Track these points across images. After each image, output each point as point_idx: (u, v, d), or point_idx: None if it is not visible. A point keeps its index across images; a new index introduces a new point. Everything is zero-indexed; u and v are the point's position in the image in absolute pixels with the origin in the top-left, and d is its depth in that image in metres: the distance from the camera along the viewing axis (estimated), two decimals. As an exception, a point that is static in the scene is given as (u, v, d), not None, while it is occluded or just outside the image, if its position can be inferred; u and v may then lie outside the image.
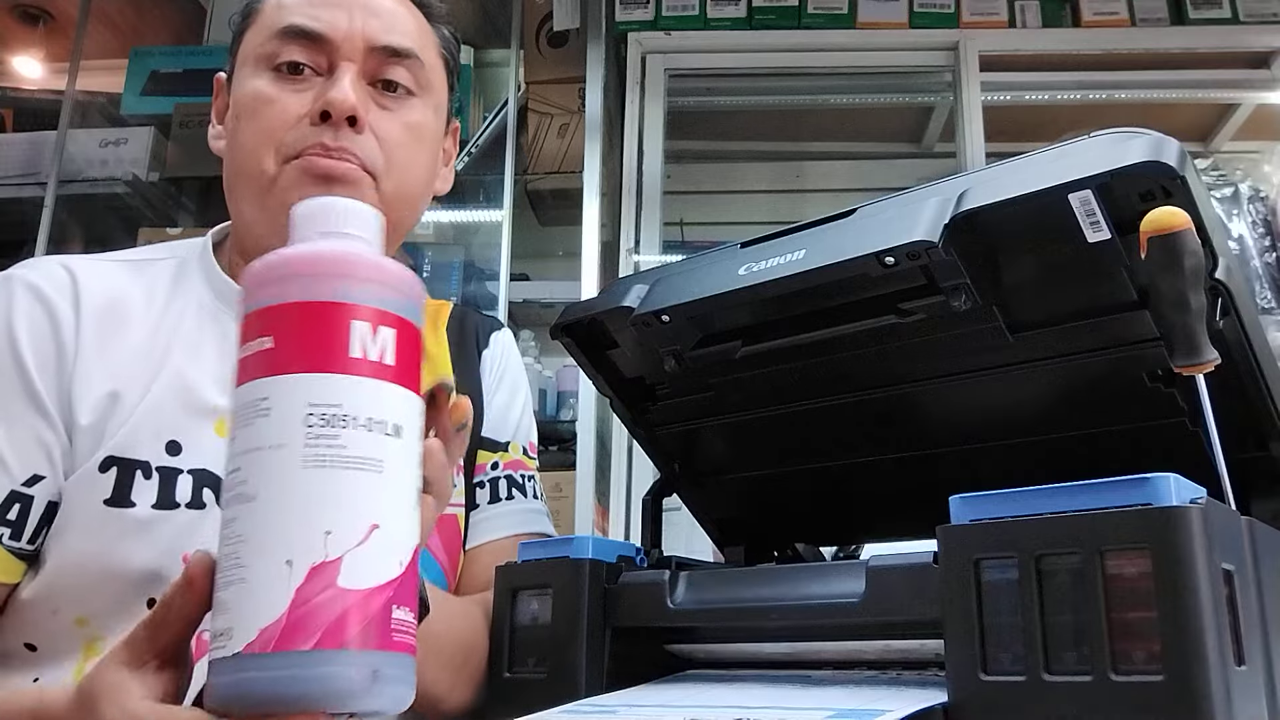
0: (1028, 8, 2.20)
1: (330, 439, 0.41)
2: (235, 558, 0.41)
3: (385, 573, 0.41)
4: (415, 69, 0.75)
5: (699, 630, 0.58)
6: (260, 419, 0.42)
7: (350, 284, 0.43)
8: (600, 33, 2.14)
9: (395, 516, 0.42)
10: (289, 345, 0.42)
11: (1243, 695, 0.38)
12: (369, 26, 0.73)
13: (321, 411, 0.41)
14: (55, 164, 2.22)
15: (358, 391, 0.42)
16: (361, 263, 0.44)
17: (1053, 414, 0.57)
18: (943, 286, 0.51)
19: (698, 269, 0.60)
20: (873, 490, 0.67)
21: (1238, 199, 2.11)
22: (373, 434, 0.42)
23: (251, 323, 0.43)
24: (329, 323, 0.42)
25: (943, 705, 0.43)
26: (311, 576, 0.39)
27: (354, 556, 0.40)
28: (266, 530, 0.40)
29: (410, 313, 0.45)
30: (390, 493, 0.42)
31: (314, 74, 0.72)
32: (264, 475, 0.41)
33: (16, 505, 0.66)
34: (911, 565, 0.47)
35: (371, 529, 0.41)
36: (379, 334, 0.43)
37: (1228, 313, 0.48)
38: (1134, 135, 0.48)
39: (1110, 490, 0.41)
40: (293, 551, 0.40)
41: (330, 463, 0.41)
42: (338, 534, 0.40)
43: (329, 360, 0.42)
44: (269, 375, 0.42)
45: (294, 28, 0.72)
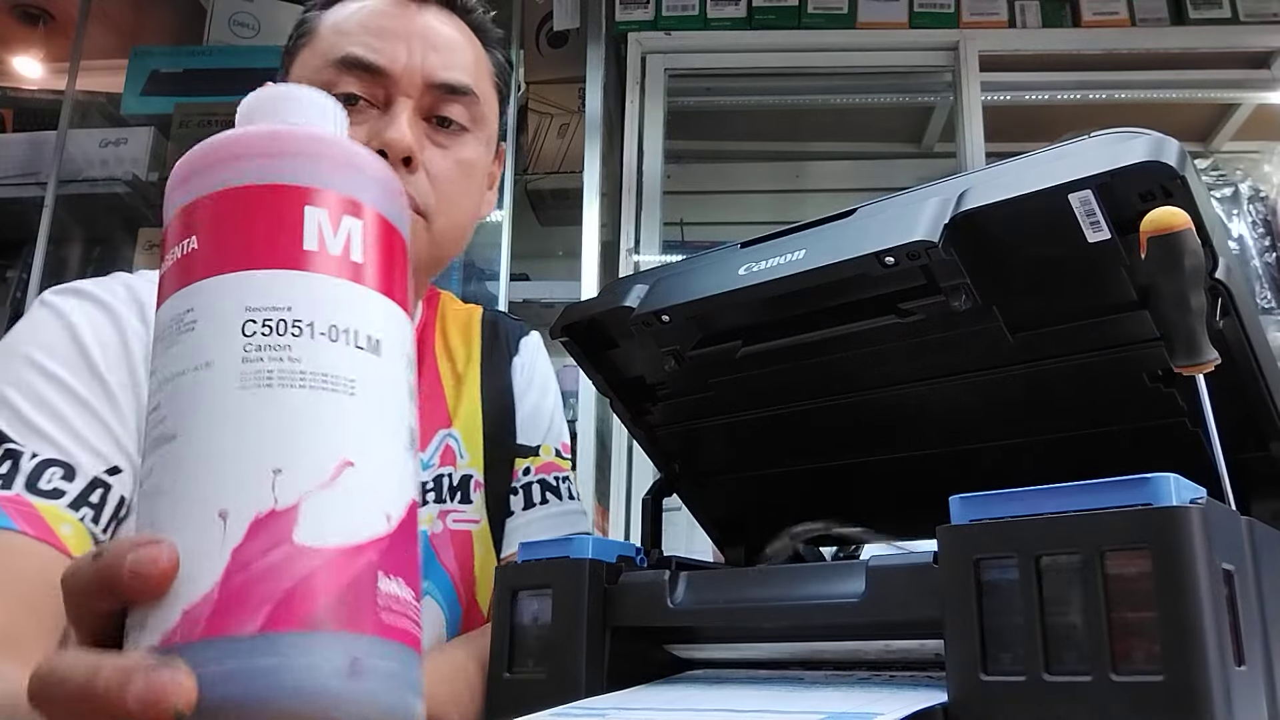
0: (1028, 8, 2.20)
1: (277, 350, 0.31)
2: (150, 520, 0.31)
3: (366, 526, 0.31)
4: (471, 105, 0.74)
5: (699, 630, 0.58)
6: (183, 335, 0.32)
7: (300, 162, 0.34)
8: (600, 33, 2.14)
9: (377, 452, 0.32)
10: (219, 241, 0.33)
11: (1243, 695, 0.38)
12: (428, 62, 0.71)
13: (265, 316, 0.31)
14: (55, 164, 2.21)
15: (315, 290, 0.32)
16: (318, 139, 0.35)
17: (1053, 414, 0.57)
18: (943, 286, 0.51)
19: (698, 269, 0.60)
20: (873, 490, 0.67)
21: (1238, 199, 2.11)
22: (338, 345, 0.32)
23: (173, 228, 0.34)
24: (272, 208, 0.33)
25: (942, 705, 0.43)
26: (255, 531, 0.29)
27: (317, 502, 0.30)
28: (190, 475, 0.30)
29: (389, 209, 0.36)
30: (368, 422, 0.32)
31: (369, 106, 0.71)
32: (187, 405, 0.31)
33: (99, 490, 0.64)
34: (911, 565, 0.47)
35: (341, 466, 0.31)
36: (342, 224, 0.34)
37: (1228, 313, 0.48)
38: (1134, 135, 0.48)
39: (1110, 490, 0.41)
40: (227, 498, 0.30)
41: (279, 380, 0.31)
42: (291, 472, 0.30)
43: (272, 252, 0.32)
44: (195, 281, 0.32)
45: (353, 59, 0.70)
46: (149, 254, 2.16)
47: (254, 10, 2.44)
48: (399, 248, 0.36)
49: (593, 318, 0.65)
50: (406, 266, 0.36)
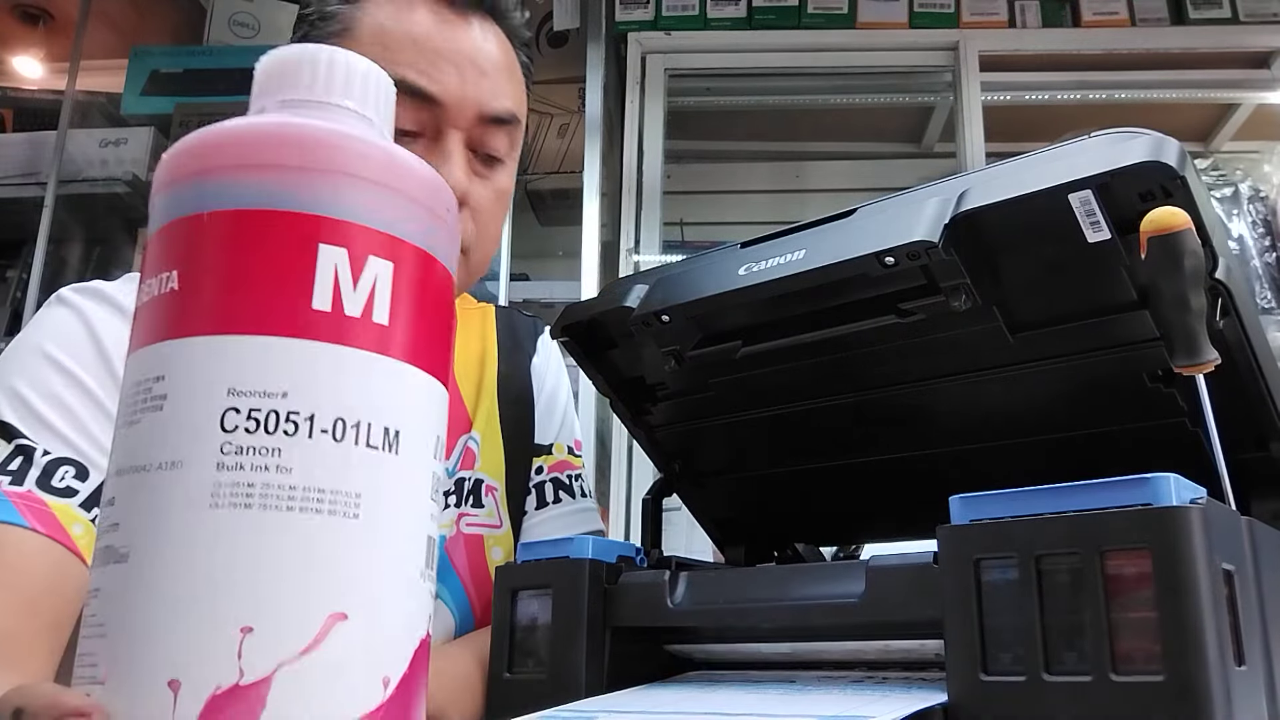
0: (1028, 8, 2.20)
1: (264, 455, 0.24)
2: (90, 663, 0.24)
3: (358, 700, 0.24)
4: (513, 133, 0.73)
5: (699, 630, 0.58)
6: (149, 415, 0.25)
7: (317, 181, 0.25)
8: (600, 33, 2.14)
9: (380, 595, 0.25)
10: (203, 287, 0.25)
11: (1243, 695, 0.38)
12: (480, 91, 0.69)
13: (252, 405, 0.24)
14: (55, 164, 2.22)
15: (321, 369, 0.25)
16: (341, 142, 0.26)
17: (1053, 414, 0.57)
18: (943, 286, 0.51)
19: (698, 269, 0.60)
20: (873, 490, 0.67)
21: (1238, 199, 2.11)
22: (344, 445, 0.25)
23: (153, 249, 0.26)
24: (273, 246, 0.25)
25: (942, 705, 0.43)
26: (213, 711, 0.23)
27: (296, 673, 0.23)
28: (138, 621, 0.24)
29: (435, 243, 0.27)
30: (373, 553, 0.25)
31: (418, 134, 0.68)
32: (144, 517, 0.24)
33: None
34: (911, 565, 0.47)
35: (331, 622, 0.24)
36: (367, 271, 0.25)
37: (1228, 313, 0.48)
38: (1134, 135, 0.48)
39: (1110, 490, 0.41)
40: (181, 663, 0.23)
41: (260, 499, 0.24)
42: (266, 631, 0.23)
43: (269, 312, 0.25)
44: (170, 338, 0.25)
45: (407, 84, 0.66)
46: (149, 254, 2.16)
47: (254, 10, 2.44)
48: (443, 293, 0.28)
49: (593, 318, 0.65)
50: (451, 313, 0.29)
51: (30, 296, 2.16)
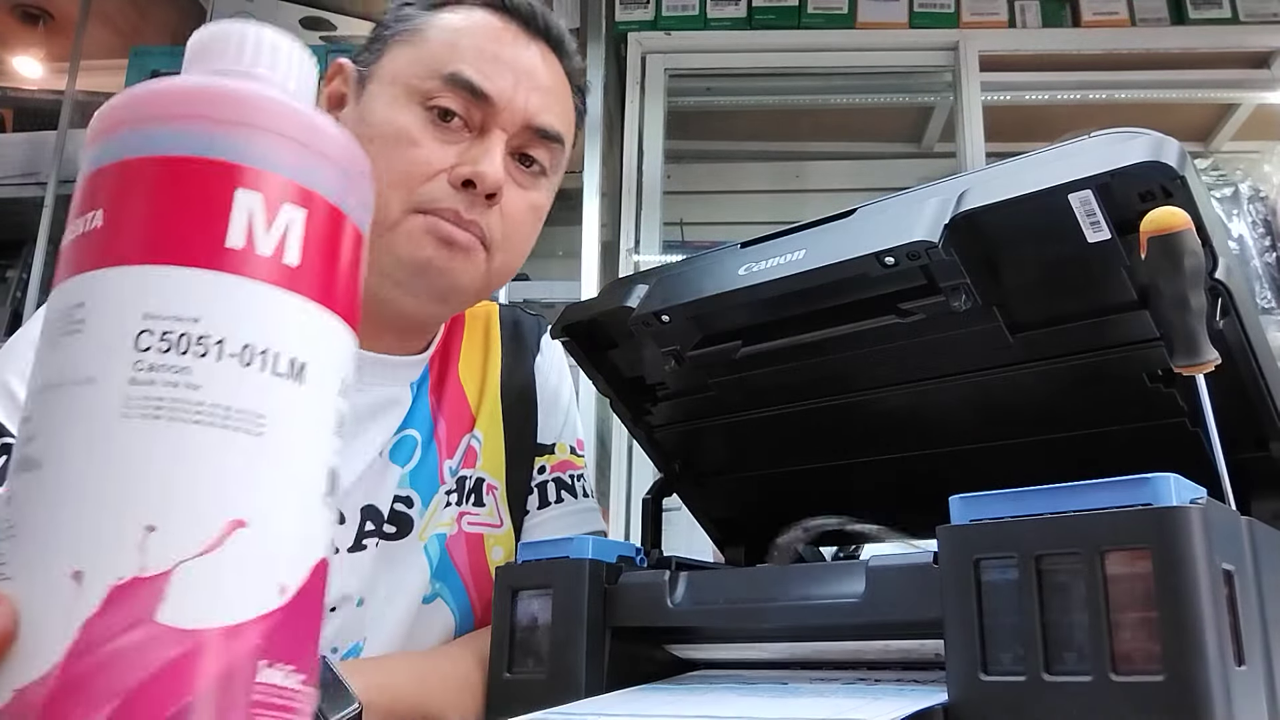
0: (1028, 8, 2.20)
1: (174, 373, 0.26)
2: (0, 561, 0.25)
3: (251, 602, 0.26)
4: (556, 152, 0.75)
5: (699, 630, 0.58)
6: (69, 338, 0.27)
7: (238, 132, 0.28)
8: (600, 33, 2.14)
9: (278, 510, 0.27)
10: (125, 223, 0.27)
11: (1243, 695, 0.38)
12: (531, 102, 0.71)
13: (165, 327, 0.26)
14: (55, 164, 2.22)
15: (231, 299, 0.27)
16: (261, 102, 0.28)
17: (1053, 414, 0.57)
18: (943, 286, 0.51)
19: (698, 269, 0.60)
20: (873, 490, 0.67)
21: (1238, 199, 2.11)
22: (250, 370, 0.26)
23: (81, 192, 0.28)
24: (193, 188, 0.27)
25: (942, 705, 0.43)
26: (113, 601, 0.24)
27: (194, 572, 0.25)
28: (47, 518, 0.25)
29: (346, 200, 0.30)
30: (273, 470, 0.27)
31: (464, 127, 0.70)
32: (58, 428, 0.26)
33: None
34: (911, 565, 0.47)
35: (230, 527, 0.25)
36: (280, 216, 0.28)
37: (1228, 313, 0.48)
38: (1134, 135, 0.48)
39: (1110, 490, 0.41)
40: (85, 555, 0.24)
41: (169, 412, 0.25)
42: (167, 531, 0.25)
43: (187, 246, 0.26)
44: (91, 269, 0.27)
45: (464, 80, 0.69)
46: (149, 254, 2.16)
47: (254, 10, 2.44)
48: (352, 247, 0.30)
49: (593, 318, 0.65)
50: (359, 269, 0.31)
51: (30, 296, 2.16)
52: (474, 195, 0.69)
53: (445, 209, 0.68)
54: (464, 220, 0.69)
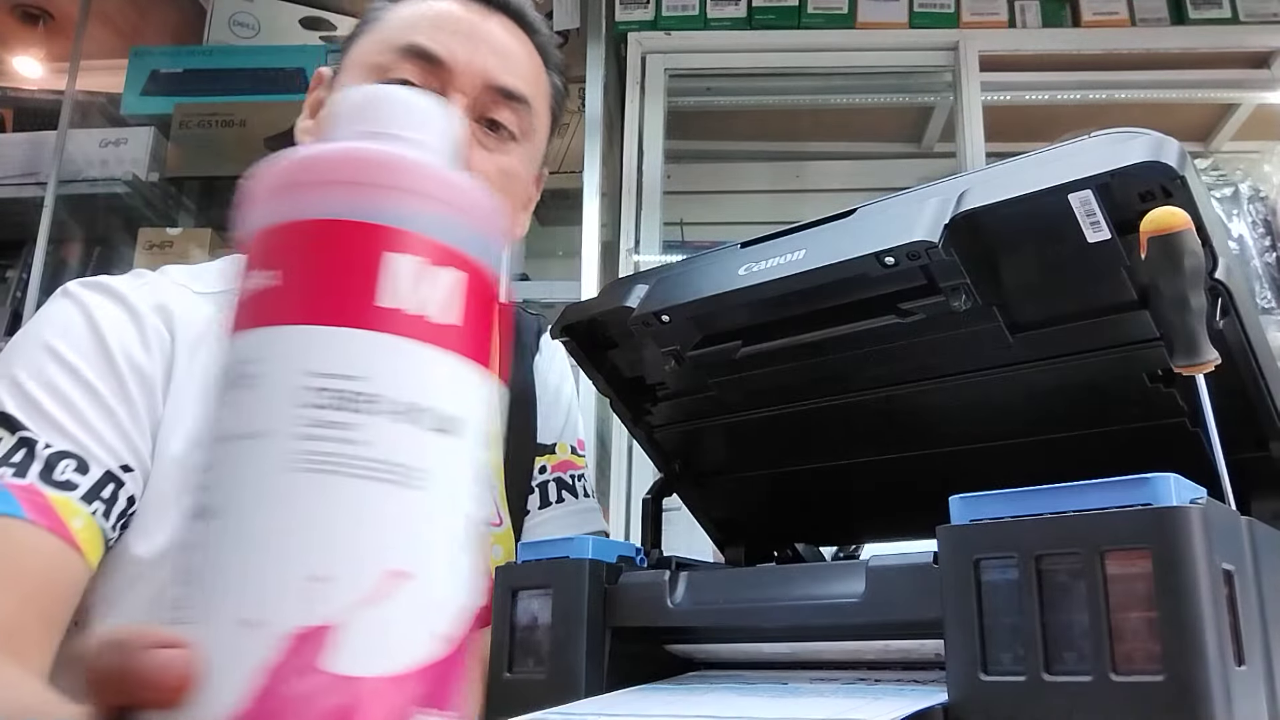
0: (1028, 8, 2.20)
1: (340, 429, 0.27)
2: (180, 607, 0.27)
3: (411, 652, 0.27)
4: (523, 114, 0.74)
5: (699, 630, 0.58)
6: (241, 392, 0.28)
7: (390, 196, 0.29)
8: (600, 33, 2.14)
9: (438, 559, 0.28)
10: (291, 283, 0.29)
11: (1243, 695, 0.38)
12: (489, 63, 0.71)
13: (330, 385, 0.27)
14: (55, 164, 2.21)
15: (390, 358, 0.28)
16: (414, 169, 0.30)
17: (1053, 414, 0.57)
18: (943, 286, 0.51)
19: (698, 269, 0.60)
20: (873, 490, 0.67)
21: (1238, 199, 2.11)
22: (410, 427, 0.28)
23: (253, 250, 0.30)
24: (354, 251, 0.28)
25: (943, 705, 0.43)
26: (288, 649, 0.25)
27: (360, 622, 0.26)
28: (224, 568, 0.26)
29: (485, 254, 0.31)
30: (431, 522, 0.28)
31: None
32: (233, 479, 0.27)
33: (111, 485, 0.63)
34: (911, 565, 0.47)
35: (392, 578, 0.27)
36: (430, 276, 0.29)
37: (1228, 313, 0.48)
38: (1134, 135, 0.48)
39: (1110, 490, 0.41)
40: (260, 606, 0.26)
41: (336, 466, 0.27)
42: (335, 582, 0.26)
43: (347, 307, 0.28)
44: (261, 326, 0.29)
45: (416, 47, 0.70)
46: (149, 254, 2.16)
47: (254, 10, 2.44)
48: (492, 302, 0.31)
49: (593, 318, 0.65)
50: (496, 322, 0.32)
51: (30, 296, 2.16)
52: None
53: None
54: None
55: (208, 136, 2.22)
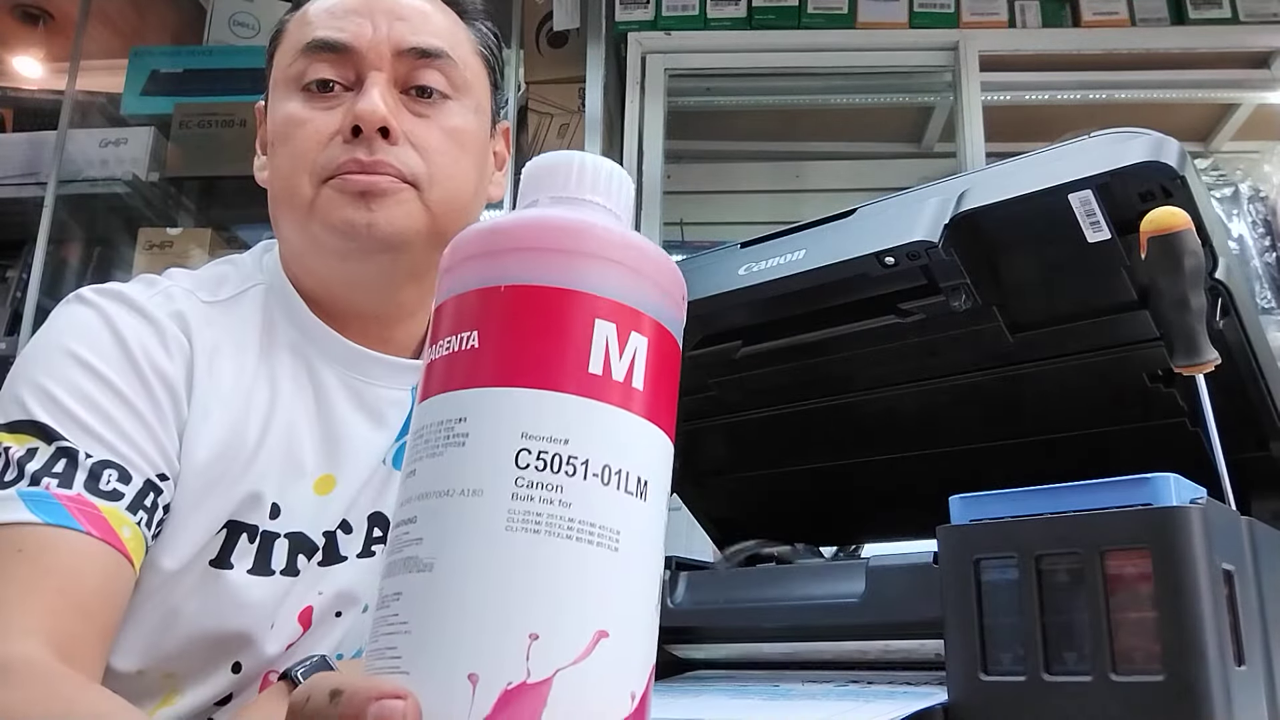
0: (1028, 8, 2.20)
1: (549, 490, 0.28)
2: (394, 655, 0.28)
3: (612, 710, 0.28)
4: (448, 69, 0.72)
5: (699, 630, 0.58)
6: (452, 449, 0.29)
7: (597, 267, 0.30)
8: (600, 33, 2.14)
9: (632, 621, 0.29)
10: (502, 346, 0.30)
11: (1243, 695, 0.38)
12: (395, 31, 0.70)
13: (541, 448, 0.29)
14: (55, 164, 2.21)
15: (592, 423, 0.29)
16: (614, 240, 0.31)
17: (1053, 414, 0.57)
18: (943, 286, 0.51)
19: (698, 269, 0.60)
20: (873, 490, 0.67)
21: (1238, 199, 2.11)
22: (609, 489, 0.29)
23: (450, 312, 0.31)
24: (562, 318, 0.30)
25: (943, 705, 0.43)
26: (504, 704, 0.26)
27: (570, 680, 0.27)
28: (443, 621, 0.28)
29: (670, 319, 0.32)
30: (627, 583, 0.29)
31: (343, 89, 0.70)
32: (448, 535, 0.28)
33: (151, 494, 0.63)
34: (911, 565, 0.47)
35: (597, 638, 0.28)
36: (629, 343, 0.30)
37: (1228, 313, 0.48)
38: (1134, 135, 0.48)
39: (1110, 490, 0.41)
40: (480, 660, 0.27)
41: (546, 527, 0.28)
42: (548, 640, 0.27)
43: (558, 372, 0.29)
44: (471, 387, 0.30)
45: (317, 41, 0.70)
46: (149, 254, 2.16)
47: (254, 10, 2.44)
48: (676, 364, 0.33)
49: (593, 318, 0.65)
50: (678, 373, 0.33)
51: (30, 296, 2.15)
52: (369, 139, 0.67)
53: (346, 163, 0.67)
54: (368, 164, 0.67)
55: (208, 136, 2.22)
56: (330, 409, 0.71)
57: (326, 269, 0.71)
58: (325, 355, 0.72)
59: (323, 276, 0.72)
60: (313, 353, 0.71)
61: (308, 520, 0.67)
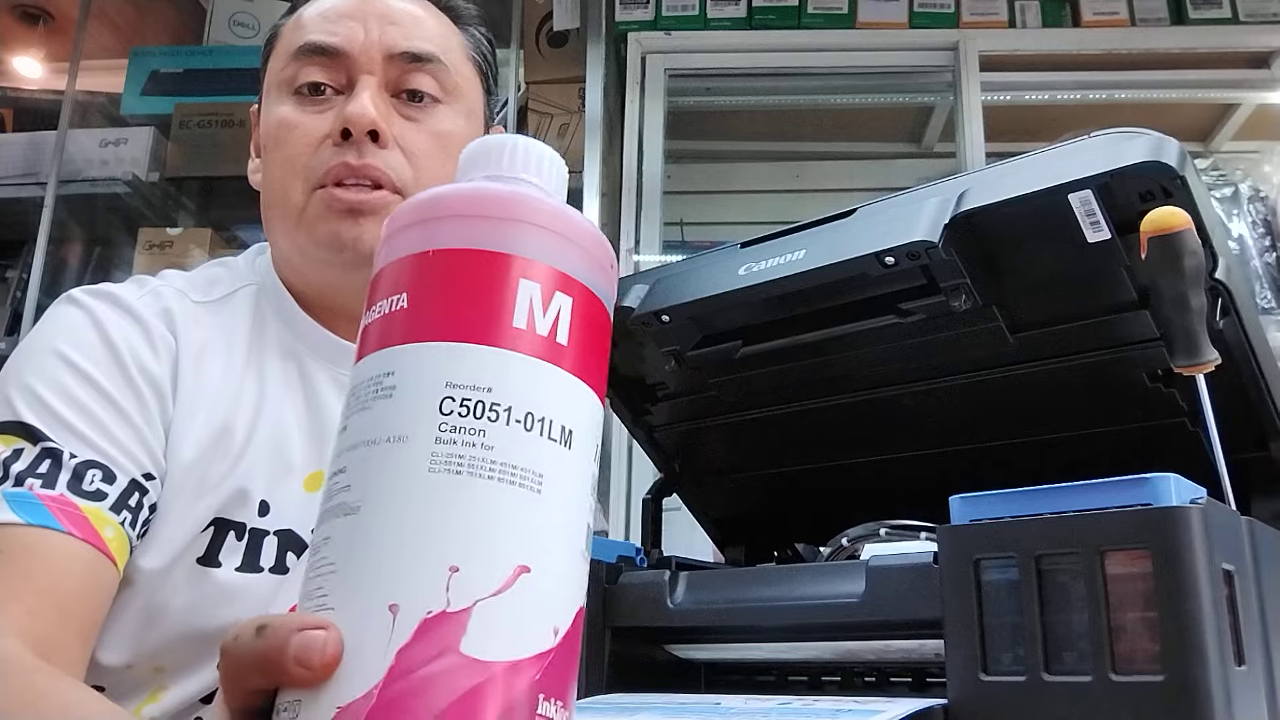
0: (1028, 8, 2.20)
1: (472, 435, 0.30)
2: (320, 594, 0.29)
3: (533, 642, 0.29)
4: (440, 74, 0.72)
5: (699, 630, 0.58)
6: (380, 401, 0.31)
7: (520, 230, 0.32)
8: (600, 33, 2.14)
9: (554, 559, 0.30)
10: (430, 304, 0.31)
11: (1243, 695, 0.38)
12: (387, 35, 0.70)
13: (465, 395, 0.30)
14: (55, 164, 2.21)
15: (516, 372, 0.31)
16: (538, 206, 0.33)
17: (1053, 414, 0.57)
18: (943, 286, 0.51)
19: (698, 269, 0.60)
20: (873, 490, 0.67)
21: (1238, 199, 2.11)
22: (531, 435, 0.30)
23: (383, 279, 0.33)
24: (485, 277, 0.31)
25: (943, 705, 0.43)
26: (423, 633, 0.28)
27: (489, 610, 0.28)
28: (366, 557, 0.29)
29: (597, 286, 0.34)
30: (550, 524, 0.30)
31: (335, 93, 0.70)
32: (374, 479, 0.30)
33: (136, 494, 0.63)
34: (911, 565, 0.47)
35: (518, 572, 0.29)
36: (553, 302, 0.32)
37: (1228, 313, 0.48)
38: (1134, 135, 0.48)
39: (1110, 490, 0.41)
40: (401, 591, 0.28)
41: (469, 468, 0.29)
42: (468, 573, 0.28)
43: (481, 326, 0.31)
44: (398, 344, 0.31)
45: (310, 45, 0.70)
46: (149, 254, 2.16)
47: (254, 10, 2.44)
48: (603, 326, 0.34)
49: (593, 318, 0.65)
50: (608, 346, 0.35)
51: (30, 296, 2.16)
52: (358, 143, 0.67)
53: (336, 168, 0.68)
54: (357, 168, 0.67)
55: (208, 136, 2.22)
56: (320, 406, 0.71)
57: (315, 275, 0.72)
58: (315, 352, 0.72)
59: (311, 280, 0.72)
60: (303, 350, 0.72)
61: (297, 518, 0.67)
